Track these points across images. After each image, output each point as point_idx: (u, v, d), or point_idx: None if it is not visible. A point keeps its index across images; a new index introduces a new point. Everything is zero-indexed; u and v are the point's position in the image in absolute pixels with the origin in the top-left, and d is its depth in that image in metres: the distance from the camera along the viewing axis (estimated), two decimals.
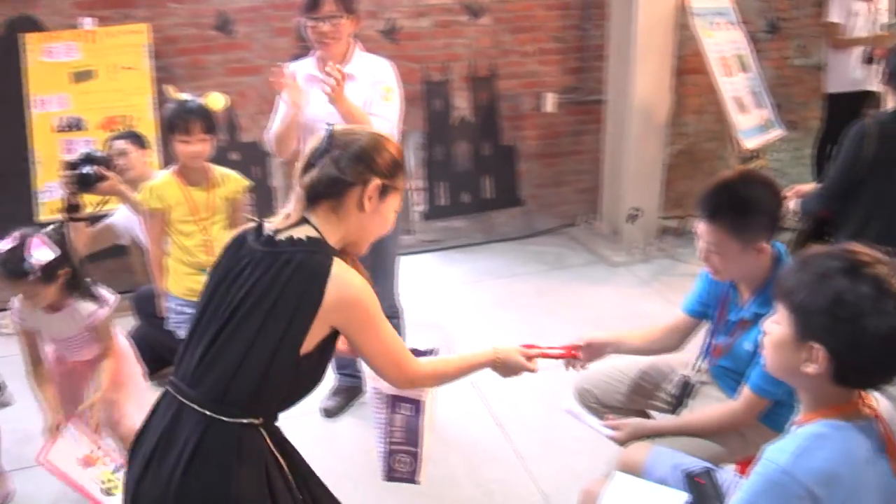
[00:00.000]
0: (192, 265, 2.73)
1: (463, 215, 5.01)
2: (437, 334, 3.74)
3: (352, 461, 2.82)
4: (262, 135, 4.43)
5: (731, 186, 1.91)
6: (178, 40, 4.26)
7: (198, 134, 2.59)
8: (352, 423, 3.06)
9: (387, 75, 2.69)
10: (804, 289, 1.24)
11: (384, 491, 2.62)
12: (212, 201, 2.71)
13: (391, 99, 2.67)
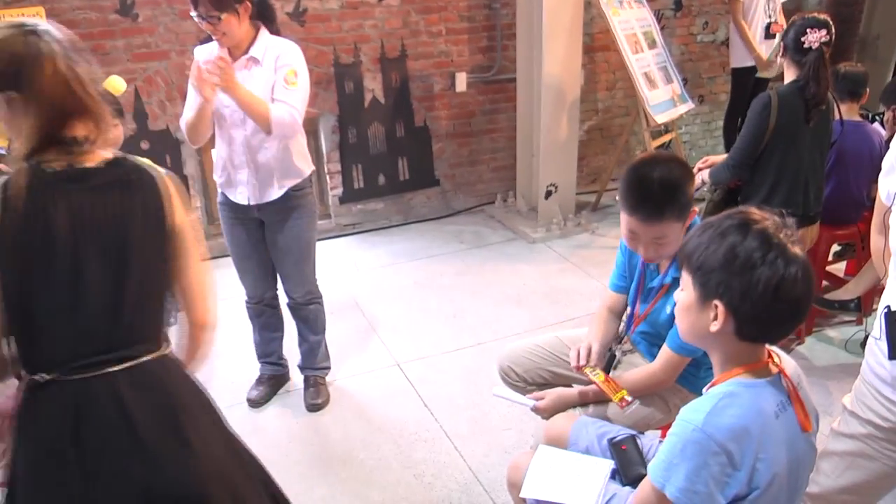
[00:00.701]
0: None
1: (379, 197, 4.98)
2: (359, 318, 3.73)
3: (279, 449, 2.79)
4: (171, 122, 4.31)
5: (652, 180, 1.83)
6: (78, 24, 4.04)
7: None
8: (277, 413, 3.02)
9: (291, 57, 2.61)
10: (702, 249, 1.32)
11: (312, 478, 2.62)
12: None
13: (295, 83, 2.59)
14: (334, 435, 2.86)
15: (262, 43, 2.58)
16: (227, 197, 2.78)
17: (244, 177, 2.69)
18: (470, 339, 3.49)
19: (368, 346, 3.48)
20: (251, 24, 2.57)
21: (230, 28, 2.47)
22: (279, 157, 2.66)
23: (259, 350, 3.11)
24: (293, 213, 2.75)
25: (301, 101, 2.60)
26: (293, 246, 2.79)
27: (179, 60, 4.23)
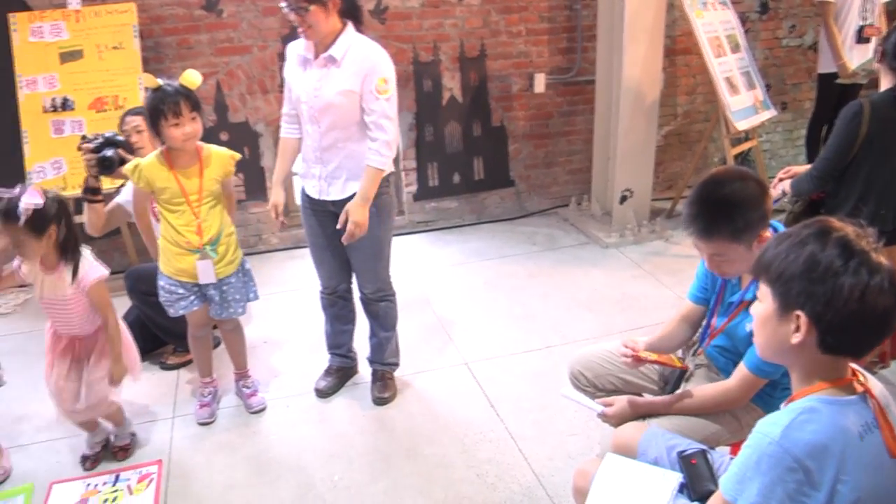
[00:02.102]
0: (182, 246, 2.71)
1: (454, 196, 5.01)
2: (430, 315, 3.76)
3: (344, 440, 2.83)
4: (251, 115, 4.43)
5: (712, 197, 1.83)
6: (166, 20, 4.22)
7: (188, 114, 2.55)
8: (345, 404, 3.06)
9: (381, 65, 2.58)
10: (781, 259, 1.28)
11: (376, 471, 2.65)
12: (202, 184, 2.68)
13: (386, 91, 2.58)
14: (400, 430, 2.88)
15: (345, 42, 2.57)
16: (305, 189, 2.84)
17: (316, 172, 2.75)
18: (538, 341, 3.47)
19: (437, 343, 3.50)
20: (339, 21, 2.57)
21: (317, 21, 2.49)
22: (350, 159, 2.69)
23: (329, 341, 3.16)
24: None
25: (393, 109, 2.61)
26: (365, 243, 2.81)
27: (261, 55, 4.35)
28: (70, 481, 2.71)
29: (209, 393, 3.05)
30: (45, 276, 2.47)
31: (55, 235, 2.40)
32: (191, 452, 2.83)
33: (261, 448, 2.82)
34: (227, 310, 2.86)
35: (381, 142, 2.61)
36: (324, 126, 2.64)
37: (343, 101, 2.58)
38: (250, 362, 3.15)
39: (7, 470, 2.78)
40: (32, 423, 3.08)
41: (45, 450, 2.90)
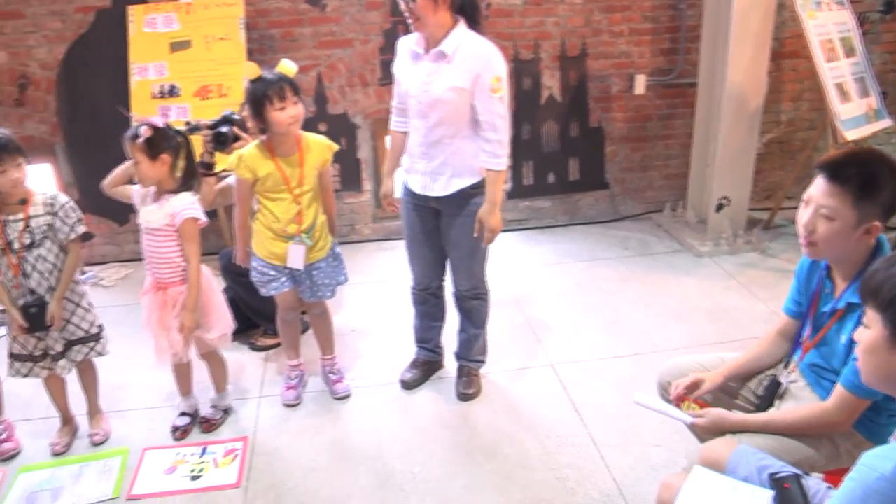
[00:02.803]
0: (279, 232, 2.79)
1: (547, 196, 4.96)
2: (518, 314, 3.74)
3: (427, 433, 2.85)
4: (350, 107, 4.52)
5: (862, 155, 1.79)
6: (271, 13, 4.35)
7: (291, 97, 2.62)
8: (429, 397, 3.09)
9: (496, 63, 2.56)
10: (894, 283, 1.19)
11: (456, 466, 2.66)
12: (303, 172, 2.74)
13: (500, 90, 2.55)
14: (482, 427, 2.88)
15: (456, 38, 2.55)
16: (407, 182, 2.87)
17: (421, 167, 2.76)
18: (627, 347, 3.40)
19: (525, 343, 3.48)
20: (450, 16, 2.55)
21: (425, 13, 2.49)
22: (455, 155, 2.69)
23: (417, 335, 3.19)
24: (467, 208, 2.76)
25: (506, 107, 2.60)
26: (463, 241, 2.82)
27: (362, 49, 4.42)
28: (161, 449, 2.85)
29: (296, 376, 3.14)
30: (150, 203, 2.64)
31: (168, 163, 2.57)
32: (275, 433, 2.91)
33: (343, 434, 2.88)
34: (316, 293, 2.93)
35: (495, 142, 2.61)
36: (431, 121, 2.64)
37: (452, 97, 2.57)
38: (338, 349, 3.22)
39: (107, 433, 2.95)
40: (130, 391, 3.25)
41: (141, 417, 3.06)
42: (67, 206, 2.65)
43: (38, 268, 2.63)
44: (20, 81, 4.45)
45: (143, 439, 2.92)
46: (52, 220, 2.63)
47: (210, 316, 2.79)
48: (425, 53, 2.61)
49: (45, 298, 2.64)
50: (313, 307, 3.04)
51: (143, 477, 2.71)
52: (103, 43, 4.32)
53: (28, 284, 2.63)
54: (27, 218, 2.60)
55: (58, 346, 2.73)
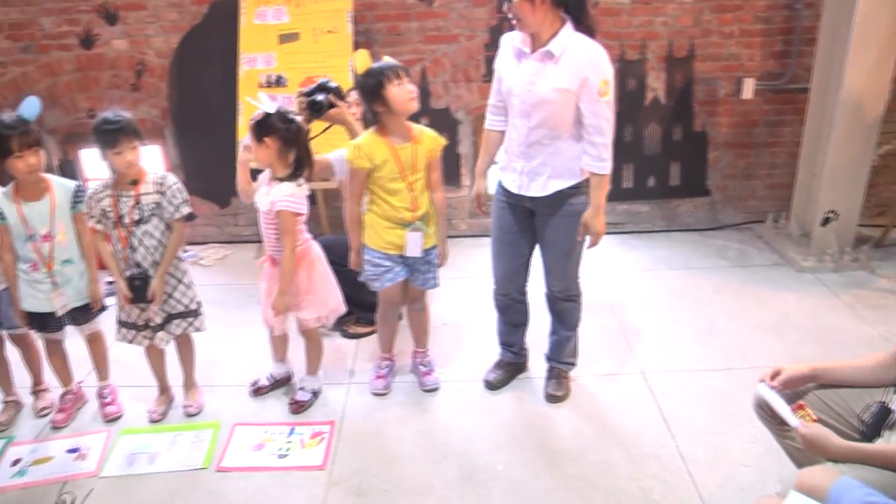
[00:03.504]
0: (395, 220, 2.84)
1: (646, 200, 4.86)
2: (610, 319, 3.69)
3: (510, 432, 2.85)
4: (452, 102, 4.54)
5: None
6: (379, 7, 4.42)
7: (405, 77, 2.67)
8: (514, 397, 3.08)
9: (604, 66, 2.52)
10: None
11: (539, 468, 2.64)
12: (416, 158, 2.79)
13: (607, 93, 2.53)
14: (567, 430, 2.86)
15: (564, 39, 2.52)
16: (501, 181, 2.86)
17: (518, 166, 2.75)
18: (720, 361, 3.29)
19: (615, 349, 3.43)
20: (554, 16, 2.52)
21: (523, 13, 2.47)
22: (554, 156, 2.67)
23: (501, 338, 3.19)
24: (563, 209, 2.74)
25: (612, 111, 2.57)
26: (558, 242, 2.80)
27: (467, 45, 4.43)
28: (251, 425, 2.96)
29: (386, 366, 3.19)
30: (265, 185, 2.77)
31: (274, 148, 2.68)
32: (362, 419, 2.97)
33: (429, 426, 2.91)
34: (427, 281, 2.98)
35: (601, 145, 2.59)
36: (533, 121, 2.63)
37: (557, 98, 2.55)
38: (429, 343, 3.25)
39: (200, 406, 3.08)
40: (224, 367, 3.39)
41: (233, 394, 3.18)
42: (175, 187, 2.78)
43: (145, 243, 2.76)
44: (137, 68, 4.69)
45: (234, 415, 3.03)
46: (160, 199, 2.76)
47: (306, 296, 2.89)
48: (531, 53, 2.59)
49: (148, 273, 2.78)
50: (415, 301, 3.09)
51: (232, 451, 2.82)
52: (215, 33, 4.50)
53: (135, 258, 2.78)
54: (138, 195, 2.74)
55: (157, 319, 2.87)
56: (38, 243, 2.79)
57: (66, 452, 2.86)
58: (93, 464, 2.78)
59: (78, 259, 2.88)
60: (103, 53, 4.68)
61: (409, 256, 2.89)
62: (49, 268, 2.81)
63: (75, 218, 2.85)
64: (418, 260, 2.91)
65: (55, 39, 4.69)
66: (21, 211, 2.76)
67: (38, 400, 3.16)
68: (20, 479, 2.73)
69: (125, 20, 4.59)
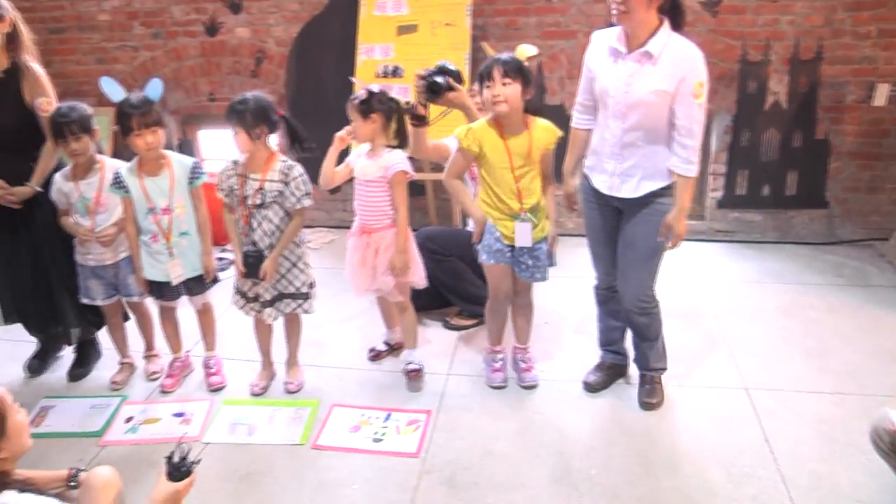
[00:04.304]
0: (502, 211, 2.85)
1: (759, 209, 4.66)
2: (713, 329, 3.57)
3: (606, 437, 2.81)
4: (567, 99, 4.49)
5: None
6: (498, 1, 4.42)
7: (500, 79, 2.66)
8: (612, 402, 3.03)
9: (701, 67, 2.48)
10: None
11: (634, 476, 2.60)
12: (528, 151, 2.78)
13: (701, 95, 2.49)
14: (664, 440, 2.79)
15: (662, 39, 2.48)
16: (589, 180, 2.82)
17: (610, 167, 2.70)
18: (830, 384, 3.12)
19: (718, 360, 3.31)
20: (656, 16, 2.48)
21: (636, 7, 2.41)
22: (647, 158, 2.62)
23: (602, 337, 3.14)
24: (649, 209, 2.69)
25: (704, 114, 2.52)
26: (639, 242, 2.74)
27: (585, 41, 4.26)
28: (349, 407, 3.03)
29: (501, 359, 3.19)
30: (365, 158, 2.96)
31: (378, 122, 2.88)
32: (458, 411, 2.98)
33: (525, 423, 2.90)
34: (534, 274, 2.96)
35: (690, 148, 2.53)
36: (629, 123, 2.58)
37: (655, 100, 2.50)
38: (530, 339, 3.22)
39: (300, 383, 3.19)
40: (326, 349, 3.49)
41: (333, 375, 3.27)
42: (300, 179, 2.88)
43: (263, 226, 2.87)
44: (257, 56, 4.88)
45: (332, 395, 3.12)
46: (283, 189, 2.85)
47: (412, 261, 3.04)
48: (628, 53, 2.53)
49: (263, 252, 2.90)
50: (521, 296, 3.08)
51: (329, 430, 2.89)
52: (334, 24, 4.62)
53: (252, 237, 2.90)
54: (263, 181, 2.85)
55: (267, 295, 2.98)
56: (158, 216, 2.96)
57: (172, 416, 3.03)
58: (196, 429, 2.93)
59: (194, 232, 3.04)
60: (226, 41, 4.89)
61: (518, 249, 2.89)
62: (167, 239, 2.98)
63: (192, 193, 3.00)
64: (524, 252, 2.91)
65: (183, 27, 4.94)
66: (143, 185, 2.93)
67: (150, 364, 3.36)
68: (132, 435, 2.92)
69: (248, 10, 4.78)
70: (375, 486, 2.59)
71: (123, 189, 2.94)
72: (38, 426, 3.00)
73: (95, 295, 3.12)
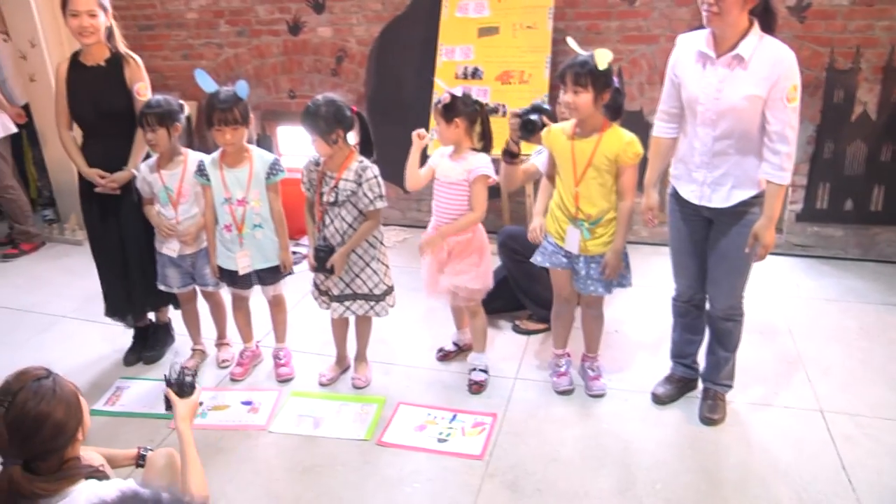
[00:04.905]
0: (564, 212, 2.85)
1: (841, 224, 4.48)
2: (788, 346, 3.46)
3: (674, 451, 2.75)
4: (646, 105, 4.42)
5: None
6: (580, 4, 4.39)
7: (571, 87, 2.65)
8: (681, 415, 2.96)
9: (794, 70, 2.40)
10: None
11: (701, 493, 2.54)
12: (590, 155, 2.74)
13: (795, 99, 2.41)
14: (733, 458, 2.71)
15: (752, 41, 2.41)
16: (676, 190, 2.76)
17: (699, 177, 2.64)
18: None
19: (791, 379, 3.20)
20: (748, 17, 2.41)
21: (730, 8, 2.34)
22: (738, 166, 2.55)
23: (675, 349, 3.07)
24: (743, 220, 2.61)
25: (798, 118, 2.44)
26: (731, 254, 2.67)
27: (667, 46, 4.21)
28: (415, 406, 3.05)
29: (565, 363, 3.18)
30: (448, 160, 2.98)
31: (462, 127, 2.90)
32: (524, 416, 2.98)
33: (591, 433, 2.87)
34: (587, 286, 2.92)
35: (783, 154, 2.45)
36: (719, 130, 2.52)
37: (747, 106, 2.44)
38: (599, 348, 3.19)
39: (368, 380, 3.24)
40: (395, 347, 3.53)
41: (400, 374, 3.31)
42: (373, 180, 2.90)
43: (335, 223, 2.93)
44: (338, 55, 4.97)
45: (399, 393, 3.15)
46: (356, 189, 2.89)
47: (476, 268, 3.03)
48: (717, 57, 2.47)
49: (334, 248, 2.95)
50: (591, 307, 3.06)
51: (394, 427, 2.92)
52: (415, 24, 4.67)
53: (325, 233, 2.96)
54: (338, 179, 2.89)
55: (334, 291, 3.04)
56: (234, 206, 3.05)
57: (241, 404, 3.12)
58: (263, 418, 3.01)
59: (268, 225, 3.11)
60: (308, 39, 5.00)
61: (571, 254, 2.89)
62: (240, 230, 3.07)
63: (269, 188, 3.08)
64: (578, 262, 2.89)
65: (267, 25, 5.08)
66: (223, 175, 3.03)
67: (221, 352, 3.47)
68: (201, 420, 3.00)
69: (331, 9, 4.87)
70: (438, 486, 2.60)
71: (205, 177, 3.06)
72: (113, 405, 3.14)
73: (172, 283, 3.25)
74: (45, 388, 1.64)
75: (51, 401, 1.63)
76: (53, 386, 1.65)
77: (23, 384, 1.63)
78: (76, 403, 1.69)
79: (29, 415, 1.60)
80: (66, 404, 1.66)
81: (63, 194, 5.14)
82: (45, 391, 1.63)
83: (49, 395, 1.63)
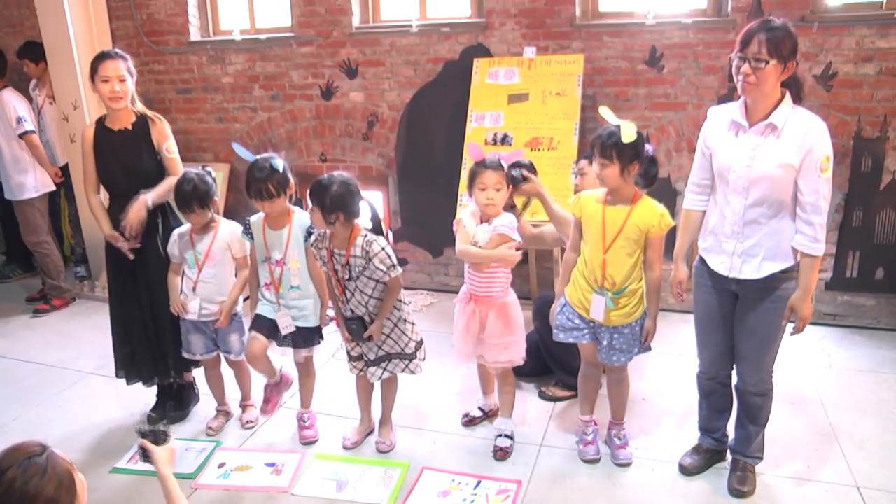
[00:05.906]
0: (588, 280, 2.84)
1: (872, 293, 4.41)
2: (821, 418, 3.37)
3: None
4: (674, 172, 4.45)
5: None
6: (609, 72, 4.47)
7: (599, 159, 2.70)
8: (712, 486, 2.88)
9: (826, 141, 2.43)
10: None
11: None
12: (620, 223, 2.75)
13: (828, 169, 2.42)
14: None
15: (785, 110, 2.44)
16: (705, 262, 2.74)
17: (730, 247, 2.62)
18: None
19: (825, 453, 3.10)
20: (780, 88, 2.45)
21: (766, 79, 2.38)
22: (769, 236, 2.53)
23: (702, 423, 3.01)
24: (772, 294, 2.58)
25: (830, 188, 2.44)
26: (761, 329, 2.63)
27: (695, 113, 4.34)
28: (439, 472, 3.01)
29: (592, 431, 3.12)
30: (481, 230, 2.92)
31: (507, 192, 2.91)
32: (549, 484, 2.92)
33: (617, 502, 2.80)
34: (610, 357, 2.91)
35: (817, 225, 2.45)
36: (751, 199, 2.52)
37: (780, 174, 2.44)
38: (625, 416, 3.14)
39: (392, 444, 3.20)
40: (421, 411, 3.50)
41: (425, 438, 3.27)
42: (381, 254, 2.87)
43: (357, 297, 2.95)
44: (370, 119, 5.09)
45: (423, 458, 3.11)
46: (367, 265, 2.90)
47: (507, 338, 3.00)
48: (750, 126, 2.50)
49: (362, 317, 2.96)
50: (613, 372, 3.03)
51: (417, 493, 2.88)
52: (447, 90, 4.78)
53: (349, 306, 2.98)
54: (348, 257, 2.91)
55: (370, 355, 3.04)
56: (273, 266, 3.10)
57: (264, 465, 3.10)
58: (286, 480, 2.99)
59: (306, 287, 3.14)
60: (340, 104, 5.13)
61: (597, 324, 2.87)
62: (277, 290, 3.11)
63: (307, 249, 3.12)
64: (602, 330, 2.87)
65: (300, 90, 5.23)
66: (265, 235, 3.11)
67: (245, 413, 3.48)
68: (223, 481, 3.00)
69: (364, 75, 5.01)
70: None
71: (249, 235, 3.15)
72: (136, 463, 3.12)
73: (196, 350, 3.30)
74: (35, 466, 1.58)
75: (40, 480, 1.57)
76: (45, 463, 1.60)
77: (13, 461, 1.58)
78: (69, 481, 1.63)
79: (15, 494, 1.54)
80: (58, 482, 1.59)
81: (95, 252, 5.25)
82: (35, 469, 1.57)
83: (39, 473, 1.57)
